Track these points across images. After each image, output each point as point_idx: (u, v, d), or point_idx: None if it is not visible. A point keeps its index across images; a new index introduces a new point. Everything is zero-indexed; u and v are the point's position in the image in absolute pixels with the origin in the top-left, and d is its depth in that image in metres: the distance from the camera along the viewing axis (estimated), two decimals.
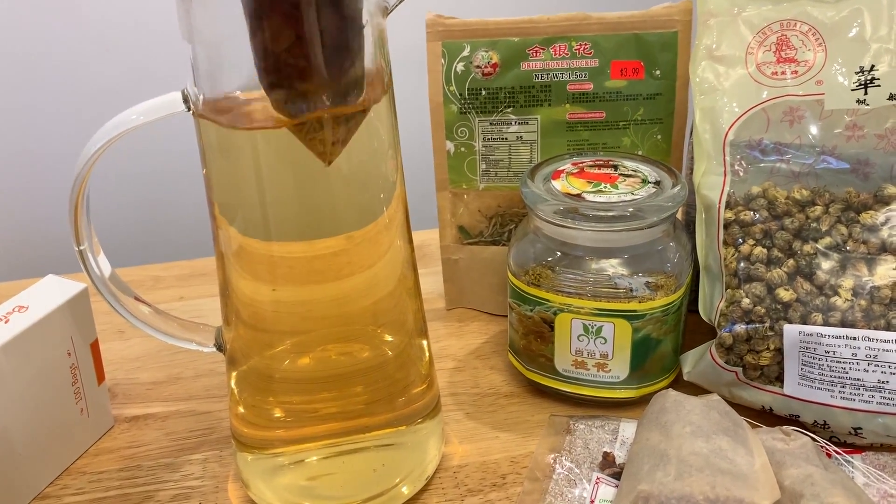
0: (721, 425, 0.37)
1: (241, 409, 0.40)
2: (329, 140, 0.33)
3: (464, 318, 0.58)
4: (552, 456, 0.42)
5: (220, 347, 0.41)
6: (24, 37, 0.74)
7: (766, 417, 0.44)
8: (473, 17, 0.51)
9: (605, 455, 0.41)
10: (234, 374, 0.40)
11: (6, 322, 0.40)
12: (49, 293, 0.43)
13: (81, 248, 0.37)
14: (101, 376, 0.46)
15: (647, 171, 0.47)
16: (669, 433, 0.37)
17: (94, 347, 0.45)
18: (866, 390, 0.40)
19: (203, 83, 0.33)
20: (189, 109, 0.34)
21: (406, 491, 0.42)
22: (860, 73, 0.44)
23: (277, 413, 0.40)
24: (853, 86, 0.44)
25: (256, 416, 0.40)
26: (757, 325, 0.42)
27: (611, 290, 0.44)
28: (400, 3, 0.33)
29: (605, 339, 0.45)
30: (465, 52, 0.51)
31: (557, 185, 0.46)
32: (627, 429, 0.43)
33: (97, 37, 0.75)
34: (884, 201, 0.42)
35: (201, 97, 0.33)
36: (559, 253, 0.45)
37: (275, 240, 0.35)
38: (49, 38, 0.74)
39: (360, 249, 0.37)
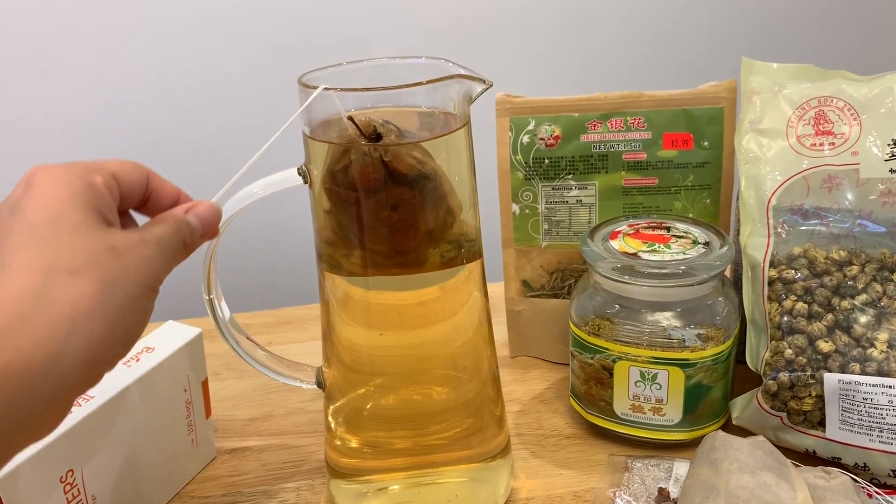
0: (766, 463, 0.41)
1: (336, 442, 0.46)
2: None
3: (527, 365, 0.63)
4: (612, 490, 0.46)
5: (320, 385, 0.47)
6: (131, 102, 0.83)
7: (809, 460, 0.47)
8: (538, 95, 0.57)
9: (660, 490, 0.45)
10: (331, 408, 0.46)
11: (137, 361, 0.47)
12: (170, 336, 0.50)
13: (211, 297, 0.44)
14: (208, 411, 0.52)
15: (697, 232, 0.52)
16: (718, 469, 0.41)
17: (205, 385, 0.52)
18: None
19: None
20: (306, 182, 0.41)
21: None
22: (892, 146, 0.49)
23: (366, 446, 0.45)
24: (886, 156, 0.48)
25: (348, 448, 0.46)
26: (799, 374, 0.46)
27: (665, 340, 0.48)
28: (482, 93, 0.40)
29: (660, 386, 0.49)
30: (531, 126, 0.57)
31: (615, 244, 0.51)
32: (681, 468, 0.47)
33: (189, 101, 0.83)
34: None
35: (318, 169, 0.40)
36: (617, 306, 0.50)
37: (374, 289, 0.41)
38: (149, 100, 0.82)
39: (448, 297, 0.43)
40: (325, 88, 0.36)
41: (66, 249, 0.29)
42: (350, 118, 0.37)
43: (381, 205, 0.38)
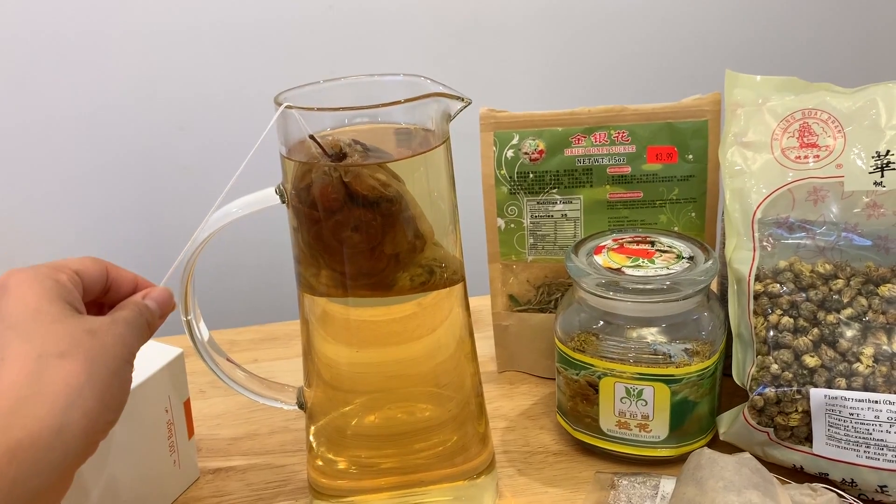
0: (752, 481, 0.40)
1: (318, 462, 0.45)
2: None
3: (514, 380, 0.63)
4: None
5: (301, 405, 0.46)
6: (117, 119, 0.82)
7: (797, 475, 0.47)
8: (522, 110, 0.57)
9: None
10: (312, 429, 0.45)
11: None
12: (151, 356, 0.49)
13: (189, 318, 0.43)
14: (191, 431, 0.52)
15: (681, 247, 0.52)
16: (704, 488, 0.40)
17: (187, 405, 0.51)
18: (889, 450, 0.43)
19: None
20: (283, 202, 0.40)
21: None
22: (877, 158, 0.48)
23: (349, 465, 0.45)
24: (870, 169, 0.48)
25: (331, 468, 0.45)
26: (785, 389, 0.45)
27: (650, 356, 0.48)
28: (461, 111, 0.39)
29: (646, 402, 0.49)
30: (515, 141, 0.57)
31: (599, 259, 0.51)
32: (667, 485, 0.47)
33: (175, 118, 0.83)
34: None
35: (294, 191, 0.40)
36: (602, 322, 0.50)
37: (354, 306, 0.41)
38: (140, 115, 0.82)
39: (426, 314, 0.42)
40: (287, 107, 0.36)
41: (50, 337, 0.34)
42: (312, 137, 0.36)
43: (342, 225, 0.38)
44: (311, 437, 0.45)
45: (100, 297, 0.40)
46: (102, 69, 0.79)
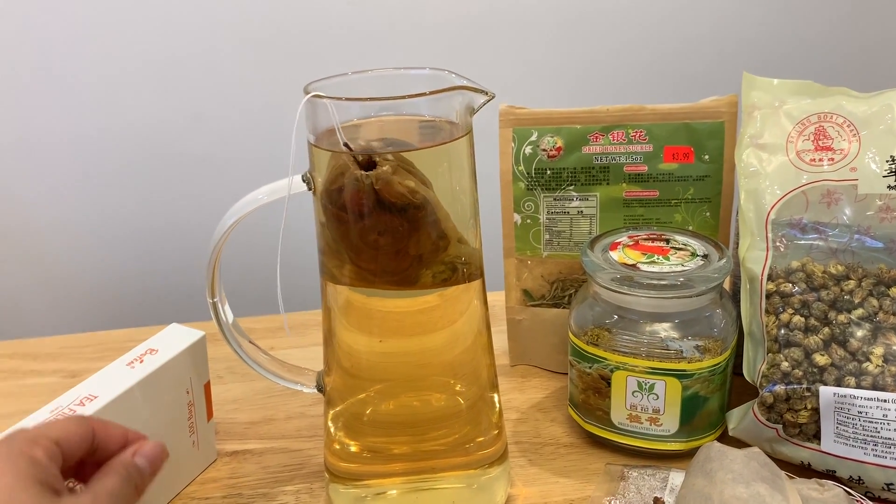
0: (760, 474, 0.41)
1: (335, 446, 0.46)
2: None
3: (526, 374, 0.64)
4: (608, 499, 0.47)
5: (320, 389, 0.47)
6: (141, 109, 0.84)
7: (804, 472, 0.47)
8: (541, 107, 0.58)
9: (656, 500, 0.46)
10: (330, 413, 0.46)
11: (141, 362, 0.48)
12: (174, 339, 0.50)
13: (214, 300, 0.44)
14: (210, 413, 0.53)
15: (695, 245, 0.52)
16: (713, 479, 0.41)
17: (207, 388, 0.52)
18: None
19: None
20: (310, 189, 0.41)
21: None
22: (891, 162, 0.49)
23: (365, 451, 0.46)
24: (884, 173, 0.49)
25: (347, 452, 0.46)
26: (795, 386, 0.46)
27: (663, 351, 0.49)
28: (484, 104, 0.40)
29: (657, 396, 0.50)
30: (533, 137, 0.58)
31: (615, 255, 0.52)
32: (676, 478, 0.48)
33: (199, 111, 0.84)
34: None
35: (321, 178, 0.41)
36: (616, 316, 0.50)
37: (374, 296, 0.42)
38: (156, 108, 0.83)
39: (447, 306, 0.43)
40: (315, 96, 0.37)
41: None
42: (346, 144, 0.37)
43: (369, 229, 0.39)
44: (329, 422, 0.46)
45: (86, 458, 0.36)
46: (113, 60, 0.80)
